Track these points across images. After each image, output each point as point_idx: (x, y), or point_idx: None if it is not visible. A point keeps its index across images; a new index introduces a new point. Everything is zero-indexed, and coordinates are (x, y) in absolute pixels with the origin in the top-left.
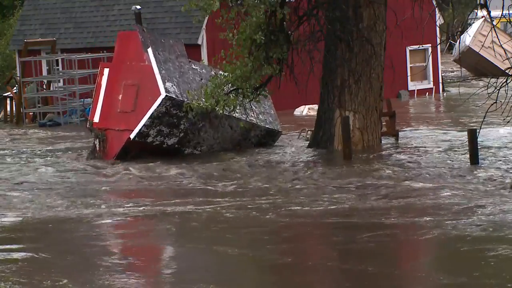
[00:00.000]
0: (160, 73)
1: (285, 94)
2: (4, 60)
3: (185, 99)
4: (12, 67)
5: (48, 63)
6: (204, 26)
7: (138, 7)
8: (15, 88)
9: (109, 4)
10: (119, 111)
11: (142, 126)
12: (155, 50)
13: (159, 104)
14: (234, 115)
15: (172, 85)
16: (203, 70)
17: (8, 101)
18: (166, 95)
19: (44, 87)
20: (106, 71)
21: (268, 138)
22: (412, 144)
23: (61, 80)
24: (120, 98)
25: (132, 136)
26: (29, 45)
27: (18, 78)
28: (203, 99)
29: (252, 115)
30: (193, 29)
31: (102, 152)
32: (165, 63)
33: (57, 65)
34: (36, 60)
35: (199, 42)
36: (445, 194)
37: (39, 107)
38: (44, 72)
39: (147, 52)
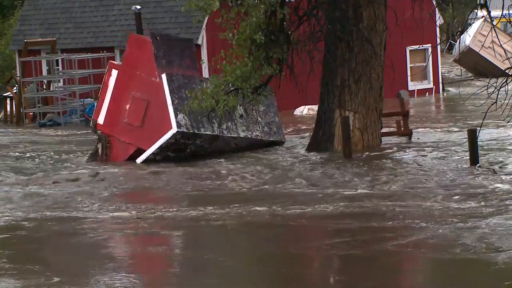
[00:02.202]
0: (173, 103)
1: (285, 94)
2: (4, 60)
3: (195, 130)
4: (12, 67)
5: (48, 63)
6: (204, 26)
7: (138, 7)
8: (15, 88)
9: (109, 4)
10: (126, 122)
11: (150, 154)
12: (169, 77)
13: (170, 137)
14: (240, 135)
15: (183, 117)
16: None
17: (8, 101)
18: (178, 131)
19: (44, 87)
20: (114, 72)
21: (271, 146)
22: (411, 144)
23: (61, 80)
24: (127, 108)
25: (138, 161)
26: (29, 45)
27: (18, 78)
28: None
29: (258, 129)
30: (193, 29)
31: (104, 159)
32: (178, 90)
33: (57, 65)
34: (36, 60)
35: (199, 42)
36: (444, 196)
37: (39, 107)
38: (44, 72)
39: (160, 74)
